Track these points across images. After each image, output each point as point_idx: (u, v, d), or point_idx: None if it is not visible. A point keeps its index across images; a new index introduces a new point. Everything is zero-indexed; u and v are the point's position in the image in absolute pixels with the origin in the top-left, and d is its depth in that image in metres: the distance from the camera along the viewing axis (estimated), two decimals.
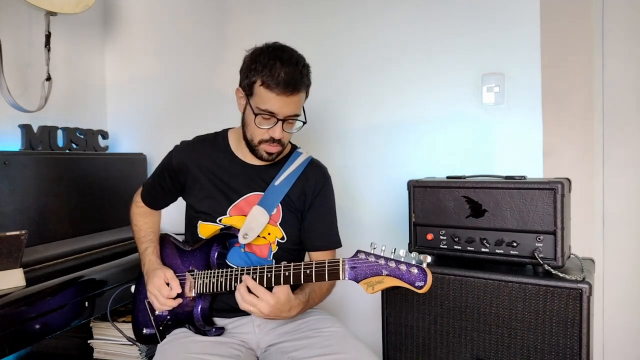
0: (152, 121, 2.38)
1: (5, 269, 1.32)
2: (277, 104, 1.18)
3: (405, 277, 0.98)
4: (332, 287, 1.35)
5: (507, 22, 1.70)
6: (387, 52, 1.90)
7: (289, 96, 1.18)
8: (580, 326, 1.19)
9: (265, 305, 1.09)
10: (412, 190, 1.46)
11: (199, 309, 1.25)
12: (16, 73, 1.92)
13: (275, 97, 1.17)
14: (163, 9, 2.34)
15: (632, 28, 1.65)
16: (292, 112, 1.22)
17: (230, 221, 1.30)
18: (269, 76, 1.16)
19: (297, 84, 1.18)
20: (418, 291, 0.97)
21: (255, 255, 1.30)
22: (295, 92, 1.19)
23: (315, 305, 1.29)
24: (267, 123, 1.21)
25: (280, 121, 1.21)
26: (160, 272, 1.26)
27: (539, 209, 1.27)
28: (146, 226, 1.41)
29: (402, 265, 0.98)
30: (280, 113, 1.20)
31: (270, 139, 1.23)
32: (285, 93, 1.17)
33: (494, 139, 1.74)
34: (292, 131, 1.28)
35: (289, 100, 1.19)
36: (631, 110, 1.66)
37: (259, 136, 1.24)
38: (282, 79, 1.15)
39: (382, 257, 1.01)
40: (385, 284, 1.00)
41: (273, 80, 1.16)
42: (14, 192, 1.61)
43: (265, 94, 1.18)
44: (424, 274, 0.97)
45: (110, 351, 1.77)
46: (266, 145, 1.25)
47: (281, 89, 1.16)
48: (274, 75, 1.16)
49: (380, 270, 1.00)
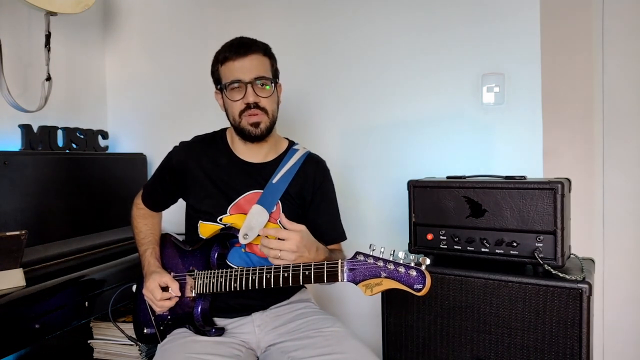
0: (152, 121, 2.38)
1: (5, 269, 1.32)
2: (237, 68, 1.25)
3: (404, 279, 0.98)
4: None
5: (507, 22, 1.70)
6: (387, 52, 1.90)
7: (246, 57, 1.25)
8: (580, 326, 1.19)
9: (292, 243, 1.11)
10: (412, 190, 1.46)
11: (199, 309, 1.25)
12: (16, 73, 1.92)
13: (233, 64, 1.25)
14: (163, 9, 2.34)
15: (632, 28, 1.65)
16: (256, 73, 1.25)
17: (231, 220, 1.30)
18: (223, 51, 1.28)
19: (248, 44, 1.27)
20: (417, 294, 0.96)
21: (256, 255, 1.30)
22: (250, 53, 1.25)
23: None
24: (238, 93, 1.26)
25: (249, 84, 1.24)
26: (157, 276, 1.25)
27: (539, 209, 1.27)
28: (146, 228, 1.41)
29: (400, 268, 0.98)
30: (245, 76, 1.24)
31: (246, 106, 1.25)
32: (240, 55, 1.24)
33: (494, 139, 1.74)
34: (267, 95, 1.27)
35: (248, 61, 1.25)
36: (631, 110, 1.67)
37: (237, 109, 1.27)
38: (234, 45, 1.27)
39: (380, 258, 1.01)
40: (383, 286, 1.00)
41: (226, 51, 1.27)
42: (14, 192, 1.61)
43: (226, 66, 1.27)
44: (423, 276, 0.96)
45: (111, 351, 1.77)
46: (246, 116, 1.26)
47: (234, 53, 1.25)
48: (226, 47, 1.28)
49: (379, 272, 1.00)
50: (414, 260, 0.98)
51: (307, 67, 2.04)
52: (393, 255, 1.01)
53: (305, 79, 2.03)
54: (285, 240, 1.12)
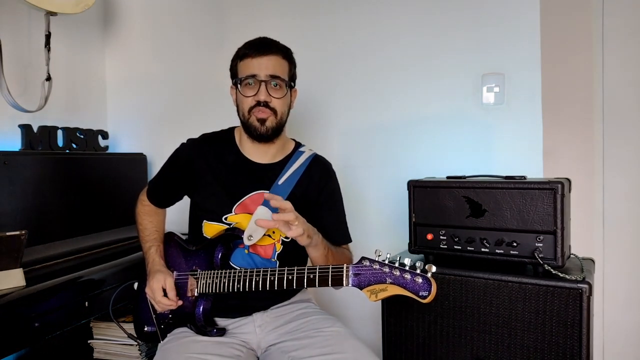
0: (152, 121, 2.38)
1: (5, 269, 1.32)
2: (255, 65, 1.27)
3: (410, 286, 0.97)
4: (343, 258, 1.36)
5: (507, 22, 1.70)
6: (387, 52, 1.90)
7: (264, 56, 1.27)
8: (580, 326, 1.19)
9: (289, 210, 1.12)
10: (412, 190, 1.46)
11: (200, 309, 1.24)
12: (16, 73, 1.92)
13: (251, 61, 1.27)
14: (163, 8, 2.34)
15: (632, 28, 1.65)
16: (272, 71, 1.26)
17: (236, 219, 1.30)
18: (243, 48, 1.30)
19: (269, 44, 1.29)
20: (422, 301, 0.96)
21: (260, 257, 1.30)
22: (269, 53, 1.27)
23: (329, 259, 1.27)
24: (251, 90, 1.27)
25: (263, 82, 1.25)
26: (160, 276, 1.25)
27: (539, 209, 1.27)
28: (150, 225, 1.41)
29: (406, 274, 0.98)
30: (260, 73, 1.26)
31: (256, 103, 1.26)
32: (259, 53, 1.27)
33: (494, 139, 1.74)
34: (279, 96, 1.28)
35: (266, 60, 1.27)
36: (631, 110, 1.66)
37: (248, 105, 1.28)
38: (255, 43, 1.30)
39: (386, 264, 1.01)
40: (388, 292, 1.00)
41: (247, 48, 1.29)
42: (14, 192, 1.60)
43: (244, 62, 1.29)
44: (429, 283, 0.96)
45: (111, 351, 1.77)
46: (255, 111, 1.27)
47: (254, 51, 1.27)
48: (247, 44, 1.30)
49: (385, 278, 1.00)
50: (419, 267, 0.98)
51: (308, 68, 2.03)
52: (399, 262, 1.01)
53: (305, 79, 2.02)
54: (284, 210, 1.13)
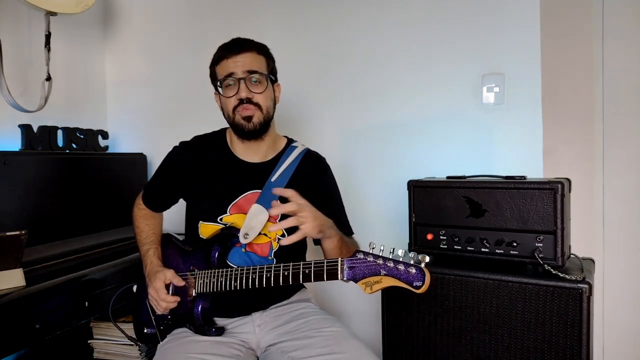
0: (152, 121, 2.38)
1: (5, 269, 1.32)
2: (230, 65, 1.27)
3: (403, 276, 0.98)
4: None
5: (507, 22, 1.70)
6: (387, 52, 1.90)
7: (239, 54, 1.27)
8: (580, 326, 1.19)
9: (304, 210, 1.13)
10: (412, 190, 1.46)
11: (199, 308, 1.25)
12: (16, 73, 1.92)
13: (227, 61, 1.27)
14: (163, 8, 2.34)
15: (632, 28, 1.65)
16: (249, 67, 1.26)
17: (231, 219, 1.30)
18: (218, 52, 1.31)
19: (242, 42, 1.30)
20: (416, 291, 0.97)
21: (256, 255, 1.30)
22: (243, 50, 1.27)
23: (343, 252, 1.26)
24: (232, 90, 1.27)
25: (242, 79, 1.25)
26: (161, 275, 1.26)
27: (539, 209, 1.27)
28: (147, 228, 1.41)
29: (400, 265, 0.99)
30: (237, 70, 1.26)
31: (239, 101, 1.27)
32: (234, 52, 1.27)
33: (494, 139, 1.74)
34: (260, 91, 1.27)
35: (241, 57, 1.27)
36: (631, 110, 1.66)
37: (231, 105, 1.28)
38: (228, 44, 1.30)
39: (380, 256, 1.01)
40: (383, 284, 1.00)
41: (222, 51, 1.30)
42: (13, 192, 1.60)
43: (220, 65, 1.29)
44: (422, 273, 0.97)
45: (111, 351, 1.76)
46: (240, 110, 1.27)
47: (229, 51, 1.28)
48: (221, 48, 1.31)
49: (379, 270, 1.00)
50: (413, 258, 0.99)
51: (307, 68, 2.04)
52: (392, 253, 1.01)
53: (305, 79, 2.03)
54: (299, 211, 1.13)
